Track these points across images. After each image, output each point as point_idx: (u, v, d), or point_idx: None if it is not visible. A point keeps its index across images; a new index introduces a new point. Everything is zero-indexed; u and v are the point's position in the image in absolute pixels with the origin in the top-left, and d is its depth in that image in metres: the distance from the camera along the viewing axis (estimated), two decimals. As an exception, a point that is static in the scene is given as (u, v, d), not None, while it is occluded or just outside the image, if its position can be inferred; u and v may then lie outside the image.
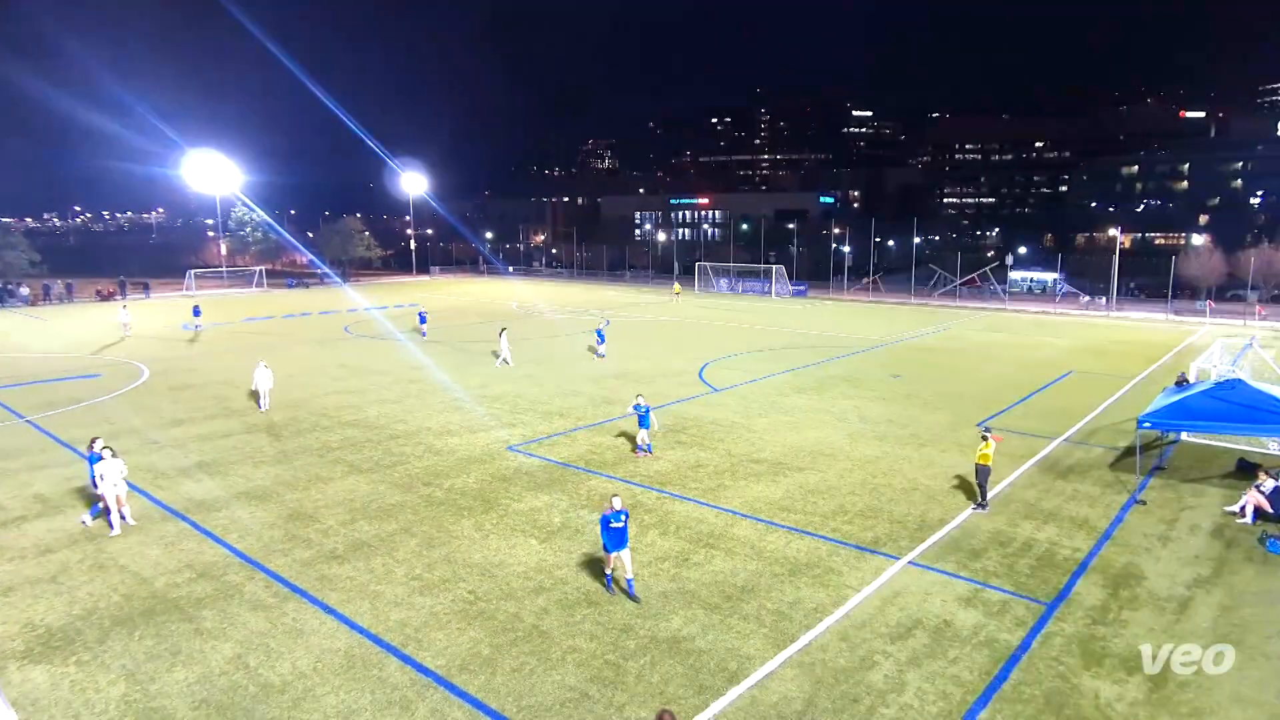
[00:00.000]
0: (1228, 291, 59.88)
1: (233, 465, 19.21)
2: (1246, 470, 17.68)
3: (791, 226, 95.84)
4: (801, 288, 68.80)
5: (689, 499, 16.75)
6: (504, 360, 32.12)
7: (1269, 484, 15.39)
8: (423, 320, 41.96)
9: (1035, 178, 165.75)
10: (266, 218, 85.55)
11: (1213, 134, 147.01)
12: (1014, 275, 69.13)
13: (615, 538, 12.26)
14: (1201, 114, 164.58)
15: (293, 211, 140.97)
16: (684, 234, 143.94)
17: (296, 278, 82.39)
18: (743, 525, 15.31)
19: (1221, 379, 19.03)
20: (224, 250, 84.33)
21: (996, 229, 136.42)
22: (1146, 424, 17.75)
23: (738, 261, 77.29)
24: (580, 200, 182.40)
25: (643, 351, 35.97)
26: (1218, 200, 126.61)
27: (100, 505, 15.20)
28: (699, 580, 12.99)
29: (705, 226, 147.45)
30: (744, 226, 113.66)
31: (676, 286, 67.53)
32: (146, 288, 68.36)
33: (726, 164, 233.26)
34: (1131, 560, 13.72)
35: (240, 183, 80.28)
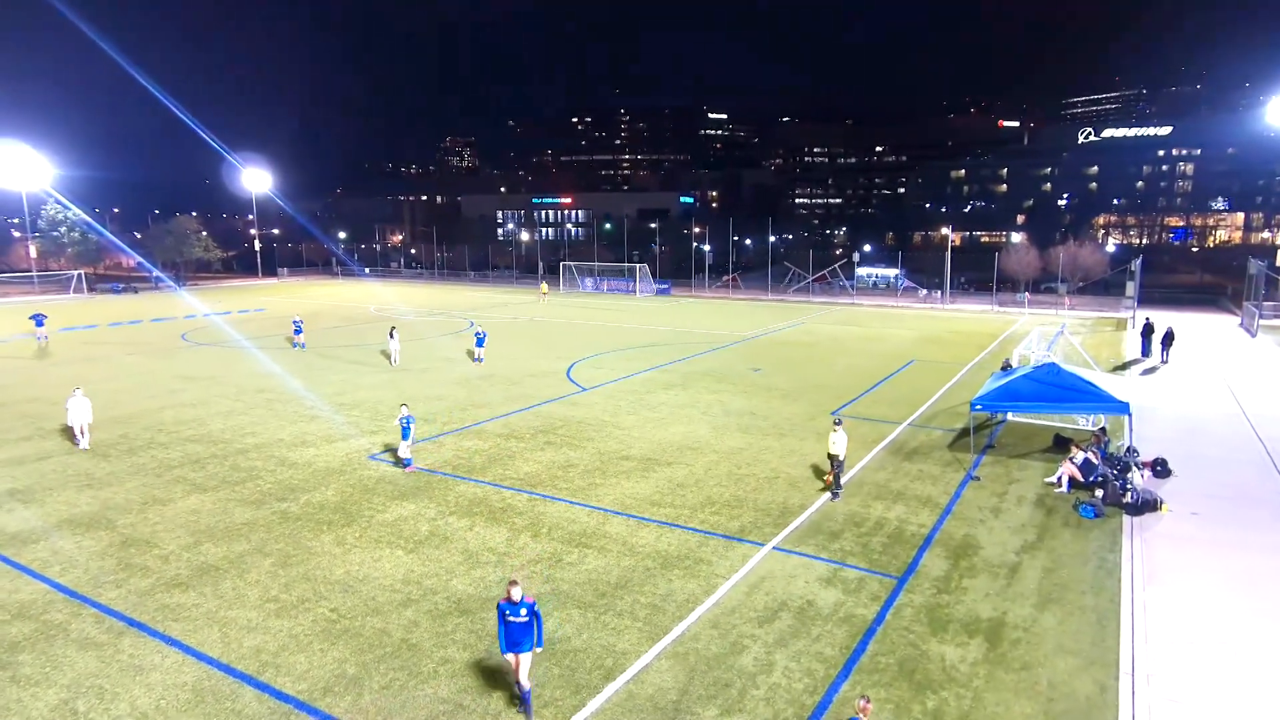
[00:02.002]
0: (1042, 284, 66.45)
1: (52, 491, 17.31)
2: (1061, 445, 19.72)
3: (654, 226, 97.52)
4: (665, 286, 70.17)
5: (560, 499, 16.70)
6: (394, 361, 31.90)
7: (1080, 456, 17.22)
8: (298, 330, 37.13)
9: (876, 180, 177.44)
10: (85, 216, 77.35)
11: (1026, 142, 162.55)
12: (860, 272, 73.52)
13: (514, 635, 9.23)
14: (1016, 123, 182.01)
15: (116, 210, 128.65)
16: (548, 233, 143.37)
17: (124, 282, 75.23)
18: (615, 522, 15.44)
19: (1039, 364, 21.14)
20: (34, 253, 75.51)
21: (844, 228, 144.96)
22: (978, 406, 19.48)
23: (602, 261, 77.83)
24: (440, 199, 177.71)
25: (510, 352, 35.47)
26: (1031, 202, 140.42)
27: None
28: (573, 580, 12.99)
29: (569, 226, 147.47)
30: (607, 226, 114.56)
31: (543, 286, 67.09)
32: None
33: (589, 163, 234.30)
34: (969, 532, 14.96)
35: (52, 177, 72.35)
